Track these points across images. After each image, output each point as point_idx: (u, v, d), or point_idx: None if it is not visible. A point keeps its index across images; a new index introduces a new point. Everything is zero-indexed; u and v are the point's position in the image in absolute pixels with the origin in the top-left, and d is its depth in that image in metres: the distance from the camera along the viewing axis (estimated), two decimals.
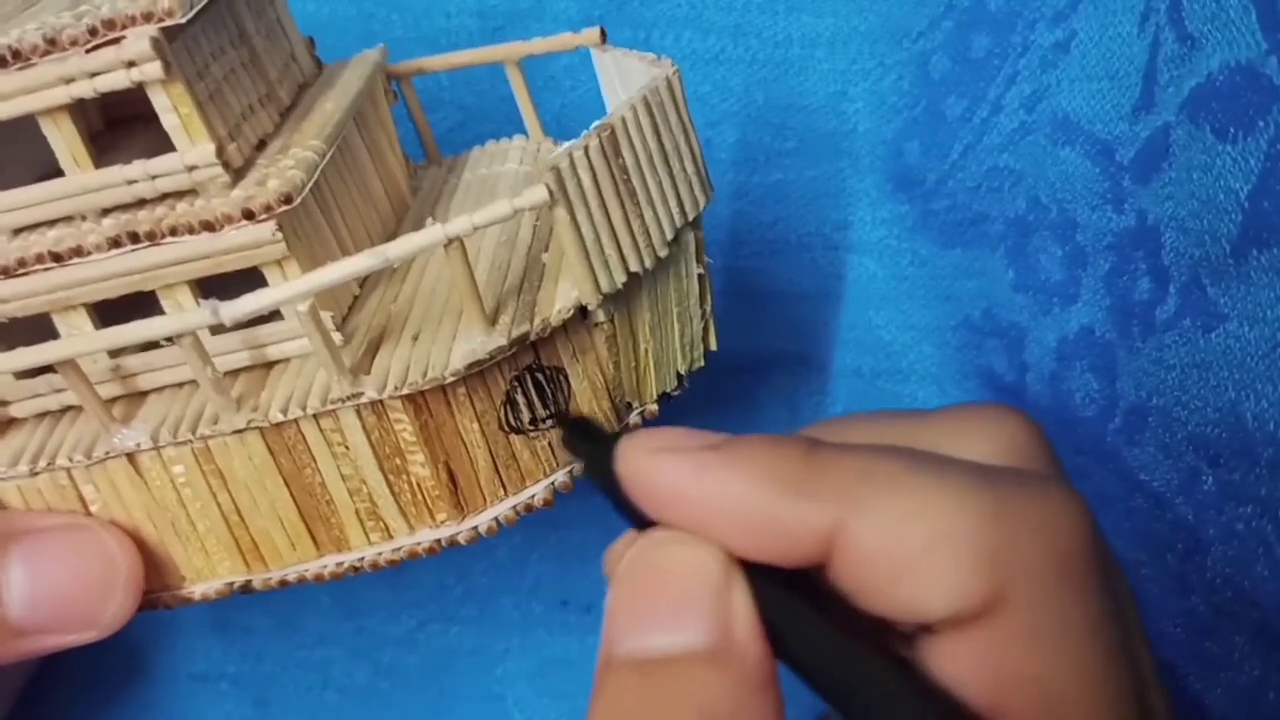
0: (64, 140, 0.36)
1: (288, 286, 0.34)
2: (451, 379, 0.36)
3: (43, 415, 0.40)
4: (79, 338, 0.36)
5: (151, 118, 0.36)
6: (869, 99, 0.53)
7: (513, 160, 0.48)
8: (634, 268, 0.37)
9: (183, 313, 0.36)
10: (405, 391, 0.36)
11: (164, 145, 0.36)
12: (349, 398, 0.36)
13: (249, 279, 0.36)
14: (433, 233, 0.34)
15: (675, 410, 0.56)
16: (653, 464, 0.27)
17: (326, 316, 0.35)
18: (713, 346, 0.42)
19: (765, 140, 0.55)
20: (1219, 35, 0.35)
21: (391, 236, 0.44)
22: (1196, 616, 0.39)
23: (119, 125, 0.43)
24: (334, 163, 0.40)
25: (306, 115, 0.42)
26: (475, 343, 0.36)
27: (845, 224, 0.54)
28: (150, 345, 0.38)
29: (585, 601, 0.57)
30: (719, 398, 0.56)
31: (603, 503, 0.56)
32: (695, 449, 0.27)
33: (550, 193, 0.34)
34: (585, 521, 0.57)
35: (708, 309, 0.41)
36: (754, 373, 0.56)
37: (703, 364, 0.42)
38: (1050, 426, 0.46)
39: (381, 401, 0.36)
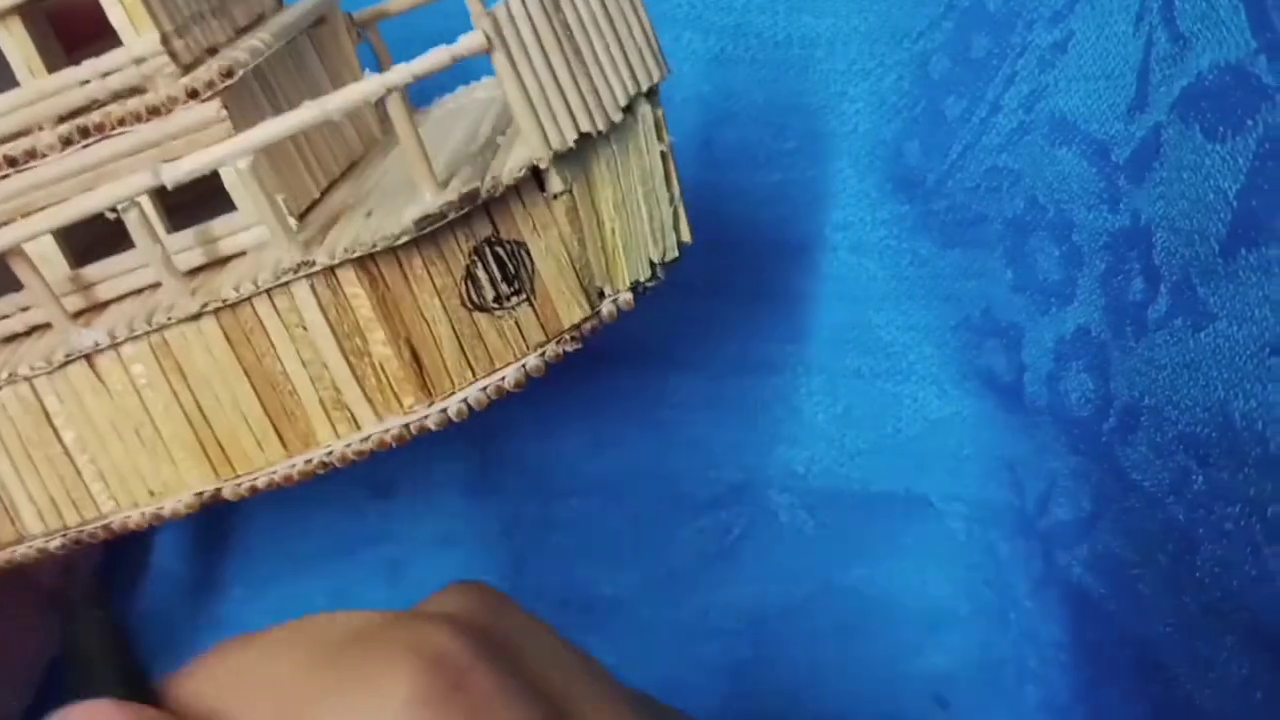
0: (17, 46, 0.36)
1: (227, 144, 0.34)
2: (403, 239, 0.35)
3: (9, 340, 0.40)
4: (26, 223, 0.36)
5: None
6: (869, 99, 0.53)
7: (481, 93, 0.48)
8: (585, 127, 0.36)
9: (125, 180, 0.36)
10: (356, 254, 0.35)
11: None
12: (299, 267, 0.35)
13: (212, 202, 0.37)
14: (371, 83, 0.34)
15: (681, 411, 0.57)
16: None
17: (280, 199, 0.35)
18: (685, 238, 0.41)
19: (765, 140, 0.55)
20: (1209, 34, 0.35)
21: (355, 163, 0.44)
22: (1187, 616, 0.39)
23: None
24: (286, 67, 0.40)
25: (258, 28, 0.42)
26: (424, 202, 0.35)
27: (845, 224, 0.54)
28: (110, 251, 0.38)
29: (585, 601, 0.57)
30: (719, 399, 0.56)
31: (601, 505, 0.57)
32: None
33: (488, 39, 0.34)
34: (585, 522, 0.57)
35: (675, 194, 0.40)
36: (754, 373, 0.56)
37: (676, 255, 0.40)
38: (1049, 427, 0.47)
39: (334, 271, 0.35)
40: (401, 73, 0.33)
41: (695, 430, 0.56)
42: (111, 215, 0.36)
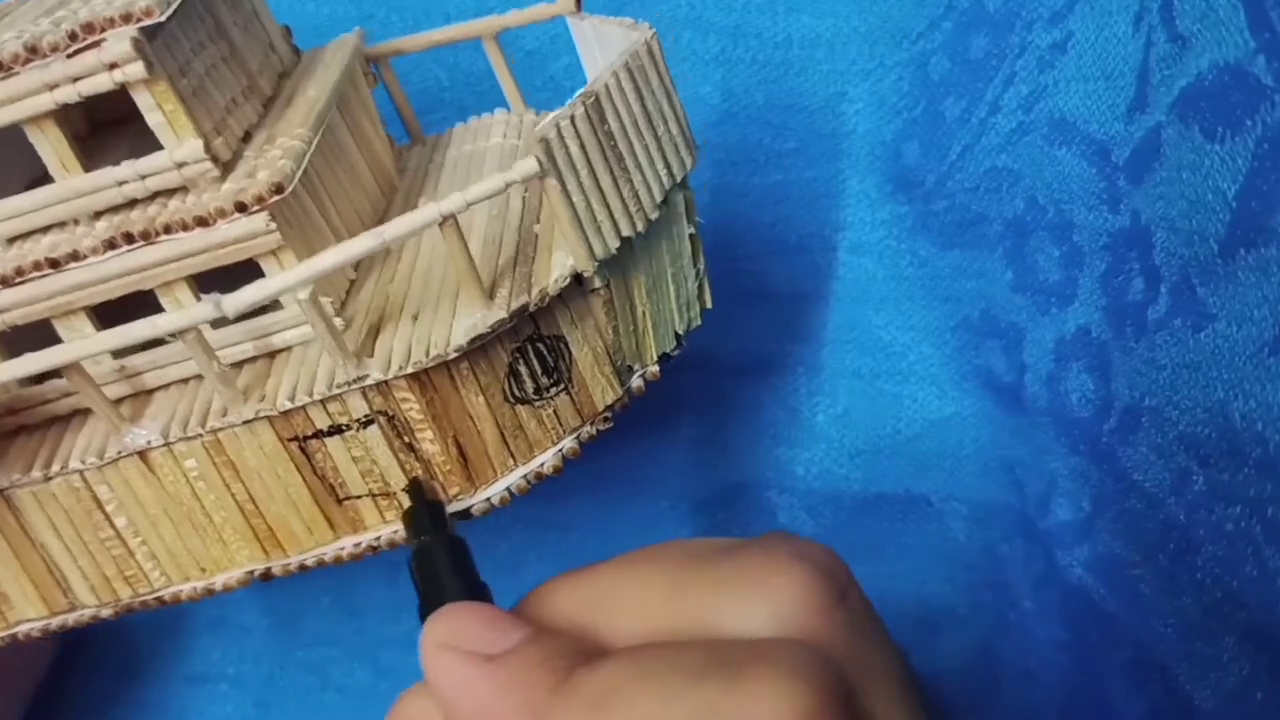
0: (51, 146, 0.36)
1: (288, 275, 0.34)
2: (455, 355, 0.36)
3: (51, 420, 0.40)
4: (84, 341, 0.36)
5: (134, 118, 0.36)
6: (868, 100, 0.53)
7: (496, 134, 0.48)
8: (626, 232, 0.37)
9: (185, 309, 0.36)
10: (410, 370, 0.36)
11: (148, 144, 0.36)
12: (354, 381, 0.36)
13: (244, 271, 0.36)
14: (427, 212, 0.34)
15: (681, 411, 0.57)
16: (434, 660, 0.31)
17: (326, 302, 0.36)
18: (708, 305, 0.42)
19: (765, 140, 0.55)
20: (1208, 35, 0.35)
21: (381, 218, 0.44)
22: (1187, 617, 0.39)
23: (103, 129, 0.43)
24: (320, 149, 0.40)
25: (290, 104, 0.42)
26: (475, 317, 0.36)
27: (845, 225, 0.54)
28: (154, 343, 0.38)
29: None
30: (719, 399, 0.56)
31: (601, 504, 0.57)
32: (470, 657, 0.30)
33: (540, 164, 0.34)
34: (584, 522, 0.57)
35: (701, 268, 0.42)
36: (754, 373, 0.56)
37: (699, 323, 0.42)
38: (1049, 427, 0.47)
39: (387, 382, 0.36)
40: (456, 200, 0.34)
41: (695, 430, 0.56)
42: (169, 339, 0.36)
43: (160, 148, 0.36)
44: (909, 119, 0.52)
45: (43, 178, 0.37)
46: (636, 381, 0.40)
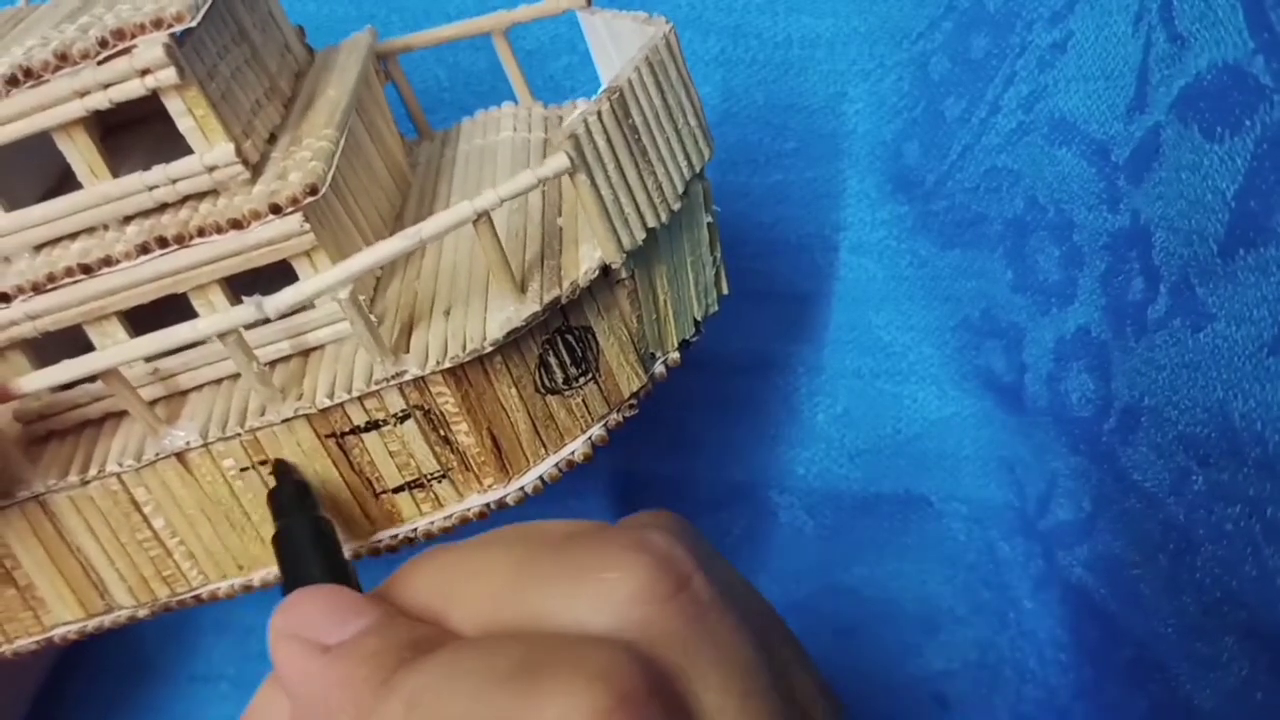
0: (80, 153, 0.36)
1: (327, 275, 0.34)
2: (490, 349, 0.36)
3: (82, 425, 0.40)
4: (125, 345, 0.36)
5: (148, 122, 0.36)
6: (868, 100, 0.53)
7: (506, 128, 0.49)
8: (651, 223, 0.38)
9: (223, 311, 0.36)
10: (447, 365, 0.36)
11: (168, 148, 0.37)
12: (393, 377, 0.36)
13: (273, 273, 0.37)
14: (462, 209, 0.34)
15: (681, 411, 0.57)
16: (277, 649, 0.31)
17: (363, 301, 0.36)
18: (725, 291, 0.43)
19: (765, 141, 0.55)
20: (1207, 35, 0.35)
21: (398, 214, 0.45)
22: (1187, 617, 0.39)
23: (116, 131, 0.43)
24: (343, 149, 0.41)
25: (310, 104, 0.42)
26: (509, 311, 0.36)
27: (845, 225, 0.54)
28: (187, 345, 0.38)
29: None
30: (719, 399, 0.56)
31: (602, 505, 0.57)
32: (309, 648, 0.31)
33: (571, 160, 0.35)
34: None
35: (718, 255, 0.42)
36: (754, 373, 0.56)
37: (717, 309, 0.43)
38: (1049, 427, 0.47)
39: (424, 378, 0.36)
40: (490, 197, 0.34)
41: (695, 430, 0.56)
42: (216, 341, 0.36)
43: (186, 151, 0.37)
44: (909, 119, 0.52)
45: (57, 186, 0.37)
46: (659, 369, 0.41)
